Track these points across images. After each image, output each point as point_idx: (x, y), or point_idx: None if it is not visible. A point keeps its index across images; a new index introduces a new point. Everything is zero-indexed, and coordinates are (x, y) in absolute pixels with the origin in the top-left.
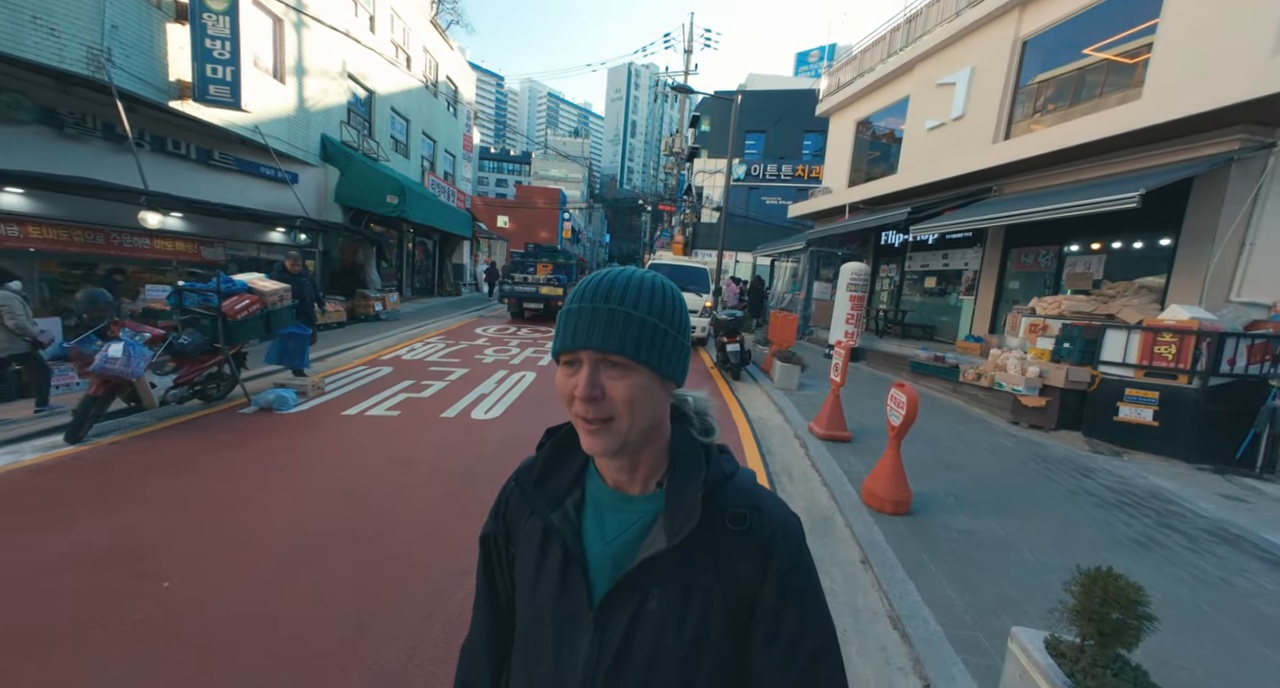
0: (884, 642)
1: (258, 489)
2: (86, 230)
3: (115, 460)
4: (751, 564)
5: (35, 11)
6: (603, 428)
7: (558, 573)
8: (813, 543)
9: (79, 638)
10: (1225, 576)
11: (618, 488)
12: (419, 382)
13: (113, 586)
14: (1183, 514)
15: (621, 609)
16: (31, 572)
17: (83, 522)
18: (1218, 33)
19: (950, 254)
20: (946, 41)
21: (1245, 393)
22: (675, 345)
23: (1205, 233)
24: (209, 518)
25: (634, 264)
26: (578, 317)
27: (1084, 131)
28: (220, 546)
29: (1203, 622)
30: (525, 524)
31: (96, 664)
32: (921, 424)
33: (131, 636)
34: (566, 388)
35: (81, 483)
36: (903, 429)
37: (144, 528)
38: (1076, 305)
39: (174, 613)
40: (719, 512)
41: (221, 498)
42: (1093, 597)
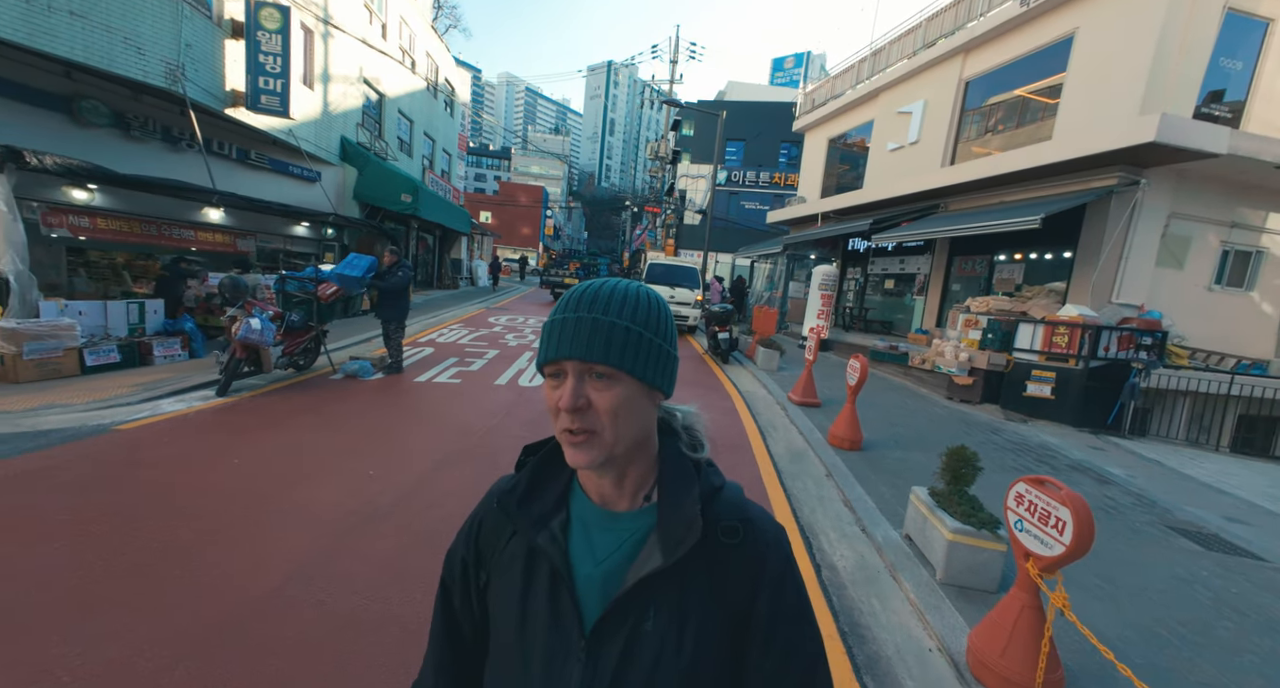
0: (840, 512)
1: (394, 425)
2: (144, 223)
3: (265, 406)
4: (745, 578)
5: (127, 34)
6: (588, 440)
7: (546, 600)
8: (792, 466)
9: (330, 484)
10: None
11: (604, 505)
12: (463, 359)
13: (344, 468)
14: (1056, 457)
15: (616, 633)
16: (266, 458)
17: (284, 436)
18: (1102, 93)
19: (906, 260)
20: (905, 76)
21: (1116, 373)
22: (661, 354)
23: (1094, 249)
24: (373, 441)
25: (608, 257)
26: (561, 327)
27: (1008, 163)
28: (390, 456)
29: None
30: (504, 549)
31: (342, 504)
32: (875, 399)
33: (365, 490)
34: (552, 400)
35: (254, 418)
36: (857, 387)
37: (331, 442)
38: (1001, 305)
39: (391, 485)
40: (712, 525)
41: (370, 429)
42: (951, 459)
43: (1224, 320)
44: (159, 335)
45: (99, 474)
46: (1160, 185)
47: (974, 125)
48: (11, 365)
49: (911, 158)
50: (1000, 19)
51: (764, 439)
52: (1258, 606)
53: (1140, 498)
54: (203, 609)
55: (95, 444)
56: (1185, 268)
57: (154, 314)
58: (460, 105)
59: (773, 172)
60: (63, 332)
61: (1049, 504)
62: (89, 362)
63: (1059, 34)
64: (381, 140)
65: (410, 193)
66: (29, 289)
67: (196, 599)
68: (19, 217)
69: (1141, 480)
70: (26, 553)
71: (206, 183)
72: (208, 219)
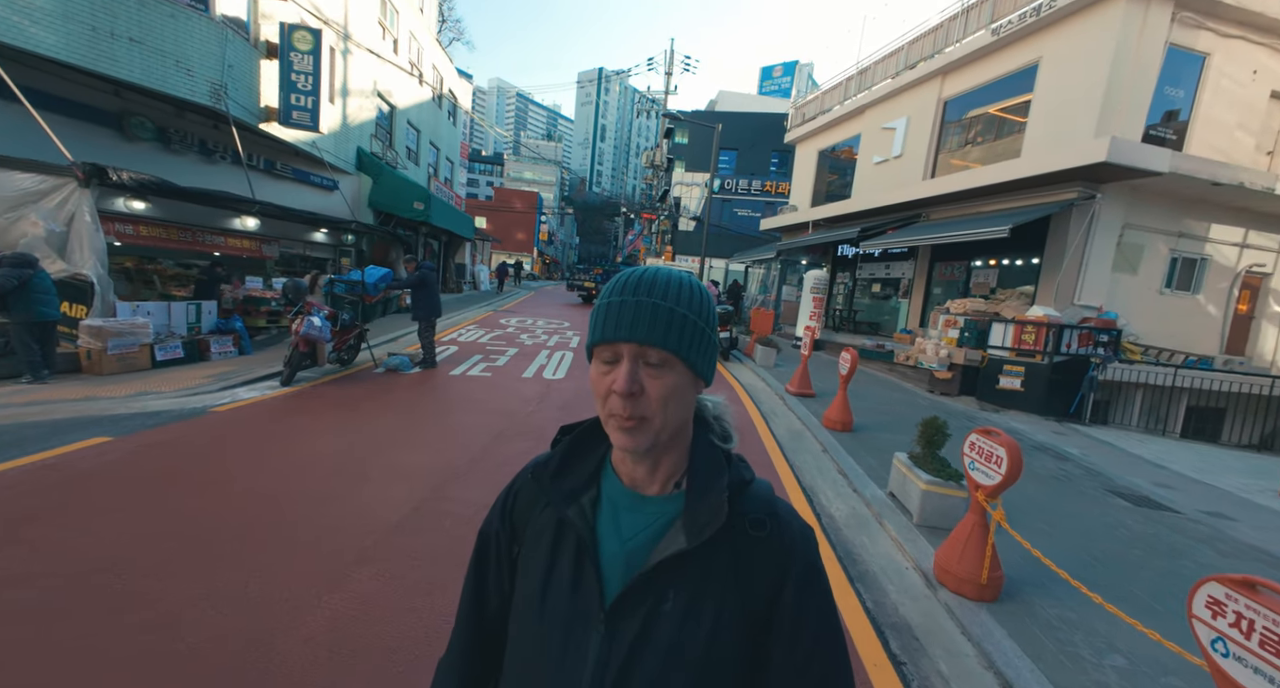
0: (835, 478)
1: (445, 409)
2: (180, 229)
3: (328, 393)
4: (770, 571)
5: (178, 57)
6: (639, 425)
7: (570, 571)
8: (793, 443)
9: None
10: (1029, 462)
11: (634, 488)
12: (487, 356)
13: (415, 440)
14: (1022, 439)
15: (635, 610)
16: (349, 433)
17: (356, 417)
18: (1063, 116)
19: (892, 265)
20: (889, 94)
21: (1077, 367)
22: (709, 343)
23: (1058, 255)
24: (432, 421)
25: (603, 263)
26: (619, 310)
27: (981, 178)
28: (452, 432)
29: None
30: (535, 521)
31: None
32: (864, 391)
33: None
34: (603, 385)
35: (323, 403)
36: (848, 376)
37: (396, 421)
38: (976, 306)
39: (462, 453)
40: (739, 517)
41: (426, 412)
42: (926, 428)
43: (1174, 320)
44: (214, 334)
45: (219, 444)
46: (1115, 199)
47: (955, 137)
48: (97, 359)
49: (895, 170)
50: (974, 46)
51: (767, 423)
52: (1162, 541)
53: (1089, 470)
54: (343, 539)
55: (202, 422)
56: (1139, 273)
57: (209, 315)
58: (463, 114)
59: (764, 180)
60: (138, 329)
61: (991, 446)
62: (158, 356)
63: (1025, 61)
64: (392, 150)
65: (422, 201)
66: (108, 291)
67: (340, 530)
68: (100, 226)
69: (1093, 457)
70: (195, 501)
71: (244, 192)
72: (236, 226)
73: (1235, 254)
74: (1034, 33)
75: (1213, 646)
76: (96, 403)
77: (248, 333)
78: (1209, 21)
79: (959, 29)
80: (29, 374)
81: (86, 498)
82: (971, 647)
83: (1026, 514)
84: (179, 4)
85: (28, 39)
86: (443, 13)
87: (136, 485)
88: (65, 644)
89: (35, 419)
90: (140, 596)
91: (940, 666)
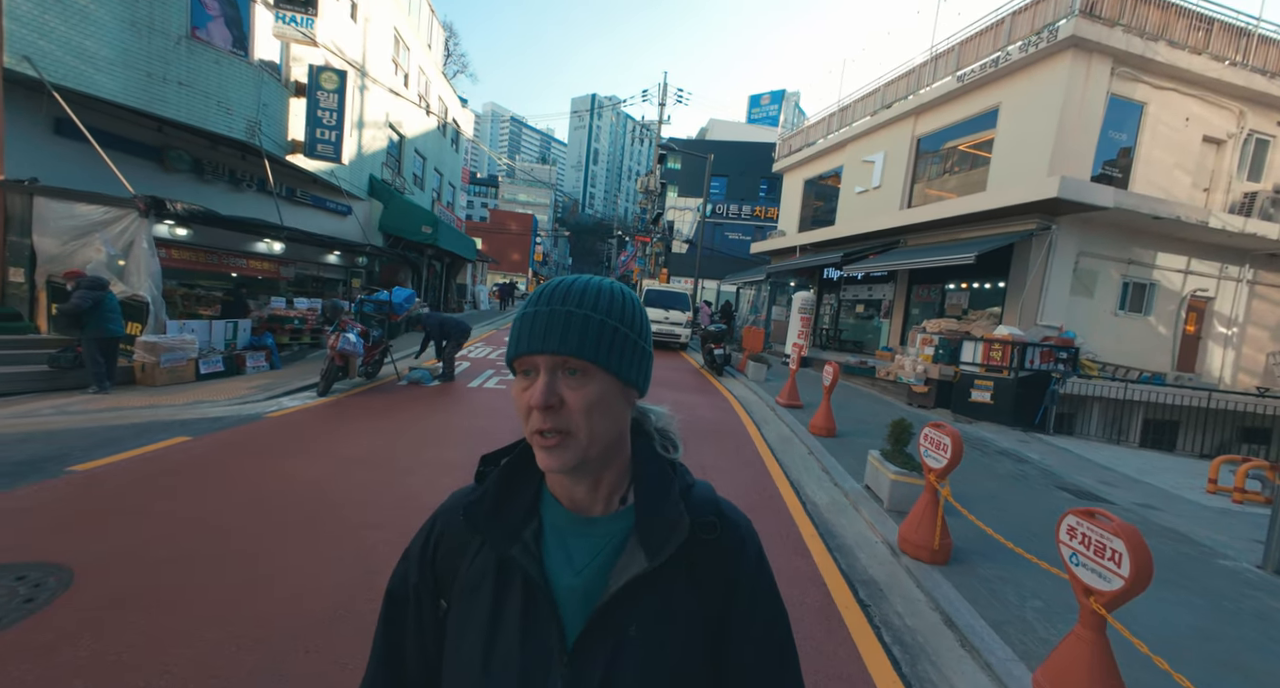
0: (819, 474)
1: (470, 416)
2: (208, 253)
3: (363, 402)
4: (724, 571)
5: (220, 98)
6: (562, 442)
7: (518, 616)
8: (782, 446)
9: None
10: (992, 464)
11: (577, 510)
12: (499, 371)
13: (448, 441)
14: (988, 445)
15: (601, 644)
16: (390, 435)
17: (392, 422)
18: (1021, 155)
19: (874, 288)
20: (867, 130)
21: (1040, 382)
22: (636, 349)
23: (1021, 280)
24: (461, 425)
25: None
26: (533, 320)
27: (951, 209)
28: (481, 434)
29: (976, 475)
30: (468, 569)
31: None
32: (847, 403)
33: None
34: (523, 400)
35: (360, 410)
36: (831, 386)
37: (429, 424)
38: (950, 325)
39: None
40: (691, 523)
41: (454, 418)
42: (895, 428)
43: (1128, 340)
44: (248, 349)
45: (281, 443)
46: (1069, 230)
47: (932, 165)
48: (150, 371)
49: (875, 200)
50: (942, 91)
51: (759, 429)
52: None
53: (1045, 471)
54: (407, 515)
55: (261, 425)
56: (1095, 296)
57: (243, 332)
58: (465, 140)
59: (754, 205)
60: (186, 345)
61: (940, 437)
62: (202, 370)
63: (987, 106)
64: (401, 176)
65: (430, 225)
66: (160, 311)
67: (402, 508)
68: (155, 252)
69: (1049, 461)
70: (274, 486)
71: (271, 218)
72: (259, 250)
73: (1180, 280)
74: (993, 81)
75: (1070, 559)
76: (161, 410)
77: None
78: (1144, 75)
79: (929, 74)
80: (95, 385)
81: (187, 483)
82: (923, 595)
83: (981, 502)
84: (223, 51)
85: (93, 85)
86: (448, 47)
87: (222, 474)
88: (202, 587)
89: (115, 423)
90: (246, 554)
91: (897, 607)
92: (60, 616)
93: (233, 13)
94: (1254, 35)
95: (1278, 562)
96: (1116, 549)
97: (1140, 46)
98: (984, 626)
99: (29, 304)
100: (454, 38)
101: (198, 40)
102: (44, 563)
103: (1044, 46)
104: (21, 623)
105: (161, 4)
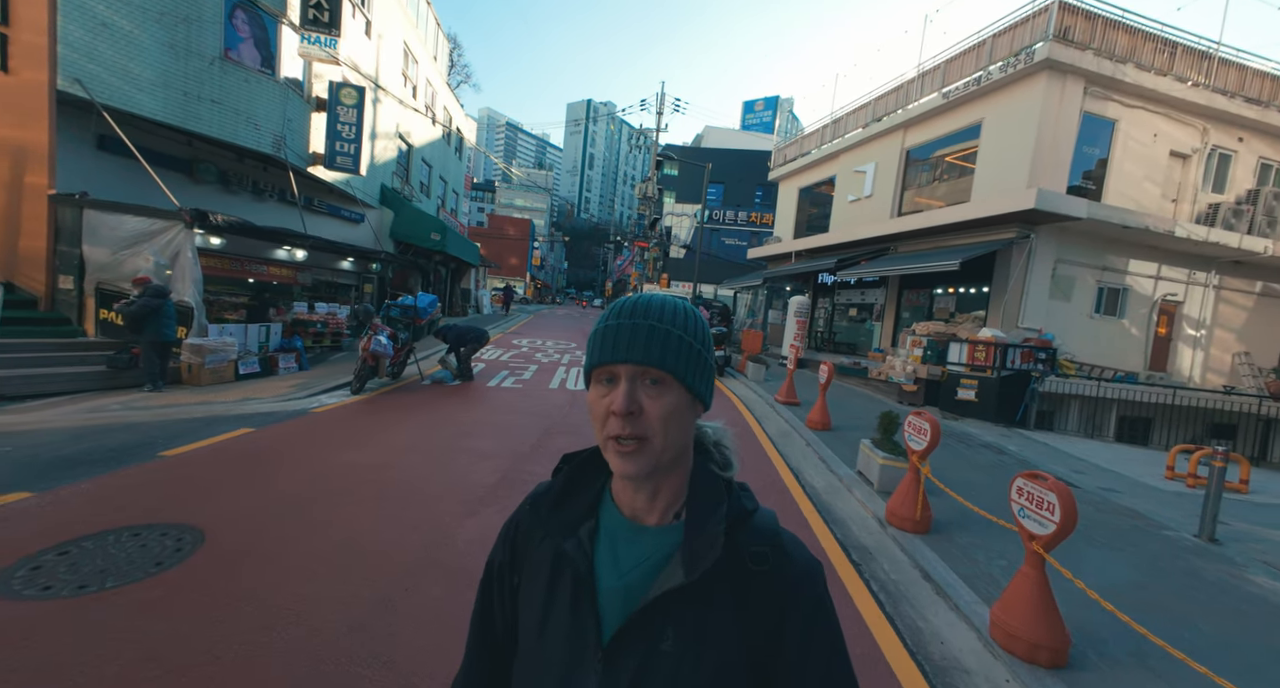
0: (816, 463)
1: (495, 411)
2: (231, 260)
3: (395, 400)
4: (773, 607)
5: (249, 114)
6: (638, 448)
7: (568, 606)
8: (781, 439)
9: (482, 440)
10: (973, 455)
11: (634, 518)
12: (513, 372)
13: (479, 433)
14: (971, 439)
15: (633, 648)
16: (427, 427)
17: (425, 416)
18: (1002, 168)
19: (866, 292)
20: (859, 142)
21: (1020, 381)
22: (706, 365)
23: (1003, 285)
24: (490, 419)
25: (592, 291)
26: (616, 332)
27: (938, 218)
28: (509, 427)
29: (959, 465)
30: (535, 551)
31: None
32: (842, 401)
33: (508, 443)
34: (601, 406)
35: (393, 406)
36: (826, 384)
37: (459, 418)
38: (937, 328)
39: (524, 442)
40: (739, 549)
41: (481, 413)
42: (884, 419)
43: (1103, 341)
44: (280, 352)
45: (333, 433)
46: (1047, 238)
47: (923, 173)
48: (196, 372)
49: (867, 208)
50: (929, 106)
51: (760, 424)
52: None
53: (1021, 461)
54: (461, 492)
55: (311, 419)
56: (1072, 300)
57: (275, 335)
58: (468, 148)
59: (749, 211)
60: (227, 347)
61: (921, 424)
62: (241, 371)
63: (971, 121)
64: (409, 185)
65: (439, 232)
66: (202, 315)
67: (457, 487)
68: (198, 261)
69: (1026, 452)
70: (336, 467)
71: (293, 226)
72: (276, 257)
73: (1152, 285)
74: (977, 98)
75: (1019, 513)
76: (215, 406)
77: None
78: (1114, 94)
79: (917, 90)
80: (149, 384)
81: (262, 466)
82: (905, 556)
83: (961, 487)
84: (252, 70)
85: (135, 104)
86: (452, 58)
87: (291, 459)
88: (306, 544)
89: (180, 417)
90: (332, 520)
91: (884, 566)
92: (205, 561)
93: (261, 34)
94: (1214, 58)
95: (1210, 530)
96: (1051, 501)
97: (1110, 68)
98: (955, 578)
99: (78, 310)
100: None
101: (230, 61)
102: (178, 524)
103: (1022, 67)
104: (179, 566)
105: (198, 28)
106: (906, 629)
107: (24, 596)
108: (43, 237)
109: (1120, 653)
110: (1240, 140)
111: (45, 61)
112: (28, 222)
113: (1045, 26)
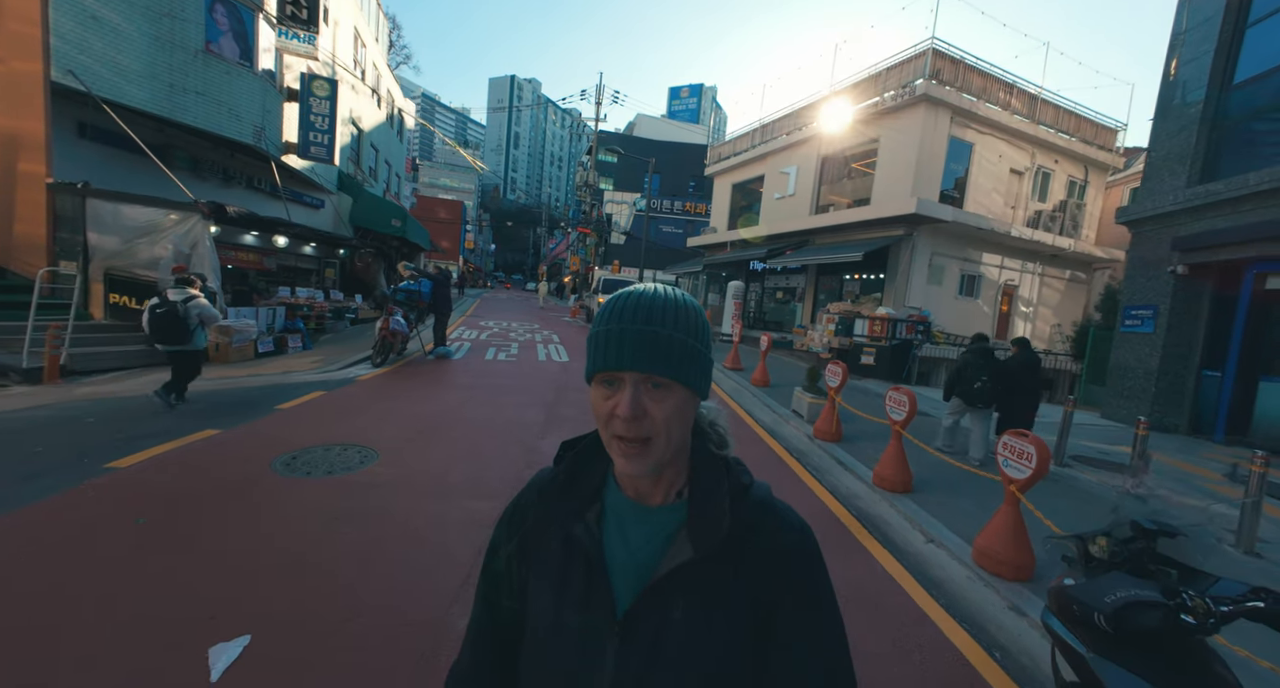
0: (763, 408)
1: (505, 379)
2: None
3: (415, 371)
4: (772, 573)
5: (231, 106)
6: (642, 449)
7: (581, 586)
8: (735, 393)
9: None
10: (870, 401)
11: (639, 499)
12: (499, 348)
13: (502, 400)
14: (870, 392)
15: (647, 620)
16: (458, 392)
17: (446, 381)
18: (893, 177)
19: (790, 278)
20: (783, 147)
21: (905, 348)
22: (706, 363)
23: (894, 273)
24: (506, 385)
25: (520, 275)
26: (619, 338)
27: (845, 217)
28: (527, 390)
29: (862, 406)
30: (544, 537)
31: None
32: (774, 367)
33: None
34: (605, 408)
35: (418, 375)
36: (765, 352)
37: (477, 384)
38: (846, 307)
39: (541, 407)
40: (740, 522)
41: (495, 381)
42: (809, 372)
43: (965, 317)
44: (286, 332)
45: (396, 392)
46: (926, 236)
47: (837, 170)
48: (224, 351)
49: (790, 205)
50: (839, 121)
51: (717, 385)
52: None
53: None
54: (519, 431)
55: (362, 383)
56: (943, 285)
57: (280, 318)
58: (408, 130)
59: (684, 200)
60: (249, 328)
61: (834, 369)
62: (260, 349)
63: (872, 136)
64: (360, 170)
65: (400, 218)
66: (222, 301)
67: (516, 426)
68: (215, 249)
69: None
70: (411, 415)
71: (261, 212)
72: (244, 242)
73: (998, 273)
74: (876, 119)
75: (1003, 463)
76: (269, 377)
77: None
78: (971, 123)
79: (829, 107)
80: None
81: (362, 414)
82: (825, 454)
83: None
84: (232, 63)
85: (125, 95)
86: (392, 39)
87: (377, 409)
88: (442, 456)
89: (250, 385)
90: (458, 439)
91: (813, 459)
92: (386, 467)
93: (240, 28)
94: (1039, 99)
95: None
96: (1029, 452)
97: (969, 103)
98: (855, 460)
99: (83, 294)
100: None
101: (211, 53)
102: (357, 444)
103: (906, 98)
104: (369, 468)
105: (181, 21)
106: (828, 485)
107: (298, 475)
108: (41, 223)
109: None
110: (1056, 162)
111: (39, 52)
112: (23, 208)
113: (923, 67)
